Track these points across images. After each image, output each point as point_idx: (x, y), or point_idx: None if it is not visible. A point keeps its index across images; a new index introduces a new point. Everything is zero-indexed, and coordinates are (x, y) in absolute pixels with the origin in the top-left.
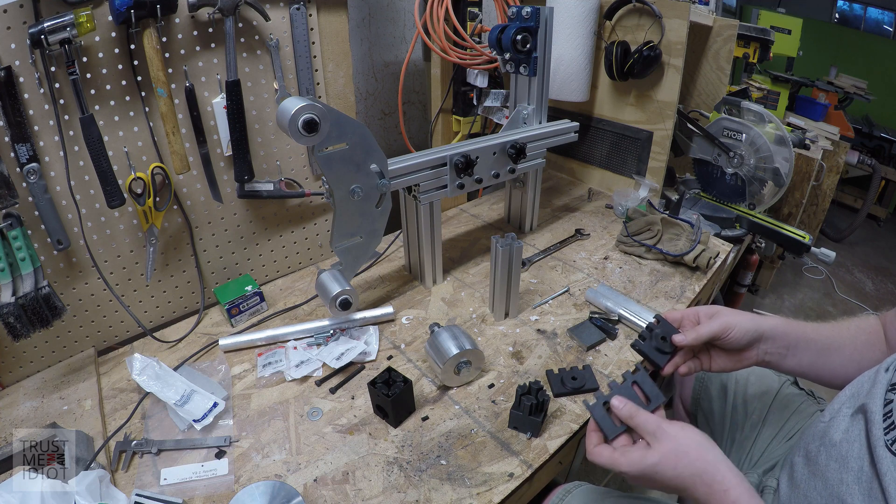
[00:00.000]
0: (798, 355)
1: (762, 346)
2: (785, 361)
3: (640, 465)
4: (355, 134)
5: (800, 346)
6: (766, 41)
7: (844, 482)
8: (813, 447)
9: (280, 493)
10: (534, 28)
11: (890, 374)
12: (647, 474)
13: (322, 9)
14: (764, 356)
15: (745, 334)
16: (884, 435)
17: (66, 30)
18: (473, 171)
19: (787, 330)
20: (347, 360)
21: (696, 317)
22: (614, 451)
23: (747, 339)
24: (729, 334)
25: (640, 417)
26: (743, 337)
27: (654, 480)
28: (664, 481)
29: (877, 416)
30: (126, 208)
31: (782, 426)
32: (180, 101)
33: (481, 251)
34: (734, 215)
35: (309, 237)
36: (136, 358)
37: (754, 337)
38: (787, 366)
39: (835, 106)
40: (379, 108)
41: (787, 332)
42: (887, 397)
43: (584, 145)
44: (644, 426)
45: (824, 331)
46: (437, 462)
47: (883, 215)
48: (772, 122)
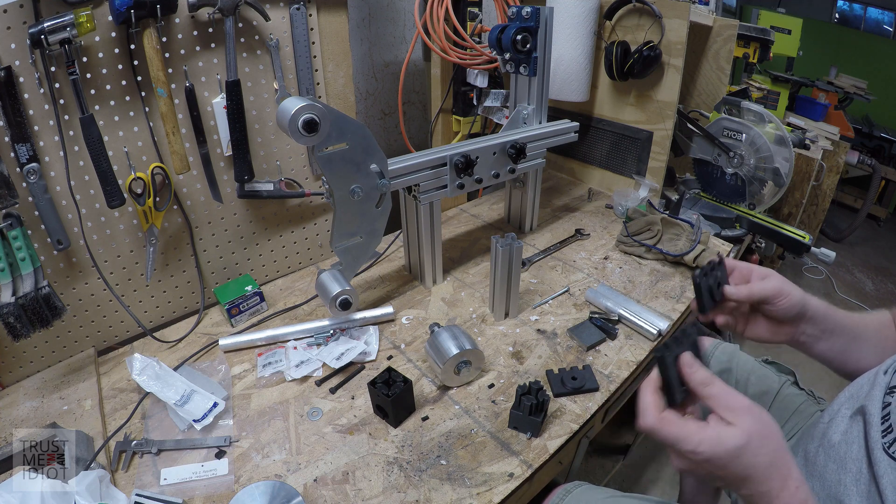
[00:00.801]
0: (831, 340)
1: (802, 326)
2: (818, 345)
3: (720, 446)
4: (355, 134)
5: (836, 332)
6: (766, 41)
7: (843, 483)
8: (812, 447)
9: (280, 493)
10: (534, 28)
11: (888, 377)
12: (723, 459)
13: (322, 9)
14: (800, 336)
15: (794, 306)
16: (881, 438)
17: (66, 30)
18: (473, 171)
19: (828, 313)
20: (347, 360)
21: (749, 272)
22: (686, 422)
23: (794, 312)
24: (781, 301)
25: (718, 386)
26: (792, 308)
27: (724, 468)
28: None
29: (875, 418)
30: (126, 208)
31: (782, 426)
32: (180, 101)
33: (481, 251)
34: (734, 215)
35: (309, 237)
36: (136, 358)
37: (800, 312)
38: (818, 349)
39: (835, 106)
40: (379, 108)
41: (828, 316)
42: (885, 400)
43: (584, 145)
44: (723, 398)
45: (855, 319)
46: (437, 462)
47: (883, 215)
48: (772, 122)
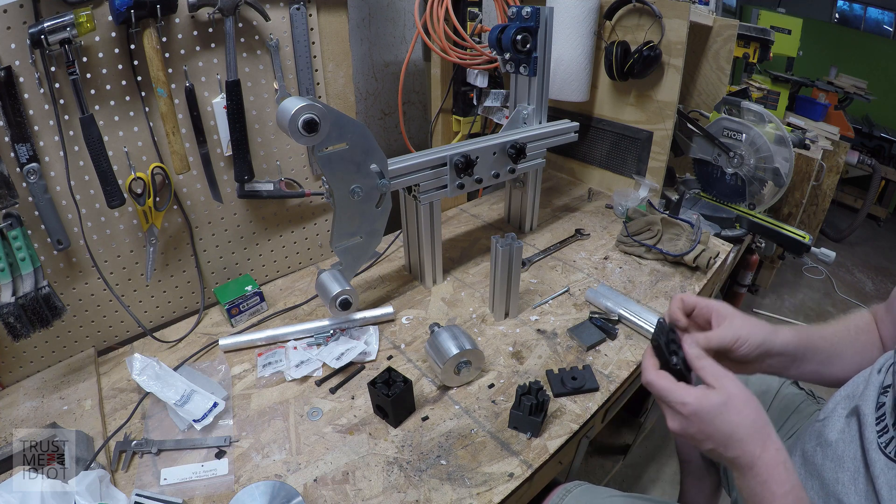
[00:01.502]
0: (803, 365)
1: (768, 361)
2: (789, 371)
3: (706, 400)
4: (355, 134)
5: (806, 357)
6: (766, 41)
7: (840, 482)
8: (809, 447)
9: (280, 493)
10: (534, 28)
11: (882, 376)
12: (709, 414)
13: (322, 9)
14: (768, 369)
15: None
16: (877, 438)
17: (66, 30)
18: (473, 171)
19: (798, 343)
20: (347, 360)
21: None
22: (679, 383)
23: (755, 355)
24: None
25: (708, 360)
26: (752, 353)
27: (711, 423)
28: (721, 427)
29: (869, 418)
30: (126, 208)
31: (782, 425)
32: (180, 101)
33: (481, 251)
34: (734, 215)
35: (309, 237)
36: (136, 358)
37: (763, 352)
38: (791, 374)
39: (835, 106)
40: (379, 108)
41: (797, 346)
42: (880, 400)
43: (584, 145)
44: (711, 368)
45: (828, 335)
46: (437, 462)
47: (883, 215)
48: (772, 122)
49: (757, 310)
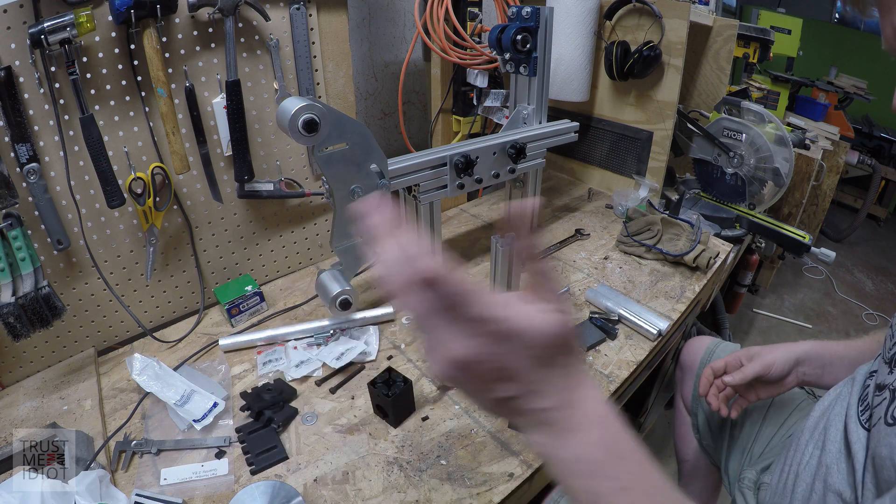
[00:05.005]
0: (834, 372)
1: (800, 369)
2: (823, 379)
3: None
4: (355, 134)
5: (835, 364)
6: (766, 41)
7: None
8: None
9: (280, 493)
10: (534, 28)
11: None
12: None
13: (322, 9)
14: (803, 377)
15: (784, 366)
16: (859, 416)
17: (66, 30)
18: (473, 171)
19: (821, 351)
20: (347, 360)
21: (737, 361)
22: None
23: (787, 369)
24: (772, 371)
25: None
26: (783, 370)
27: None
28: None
29: (854, 398)
30: (126, 208)
31: (782, 424)
32: (180, 101)
33: (481, 251)
34: (734, 215)
35: (309, 237)
36: (136, 358)
37: (792, 365)
38: (826, 383)
39: (835, 106)
40: (379, 108)
41: (821, 353)
42: (866, 382)
43: (584, 145)
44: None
45: (855, 346)
46: (437, 462)
47: (883, 215)
48: (772, 122)
49: (757, 310)
